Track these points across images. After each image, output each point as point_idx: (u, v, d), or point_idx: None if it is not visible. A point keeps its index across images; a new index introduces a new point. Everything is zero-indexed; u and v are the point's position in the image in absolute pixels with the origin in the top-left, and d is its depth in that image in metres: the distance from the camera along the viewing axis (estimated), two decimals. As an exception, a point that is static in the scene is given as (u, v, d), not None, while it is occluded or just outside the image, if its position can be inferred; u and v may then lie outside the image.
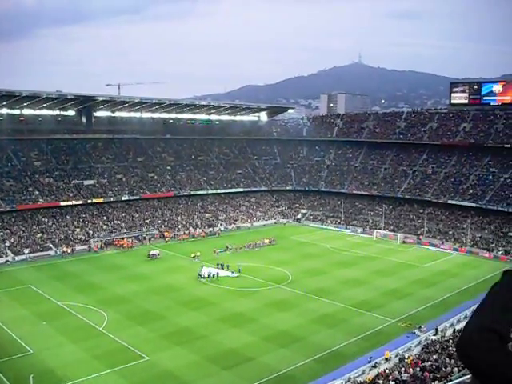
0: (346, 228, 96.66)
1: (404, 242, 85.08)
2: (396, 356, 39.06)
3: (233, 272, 64.94)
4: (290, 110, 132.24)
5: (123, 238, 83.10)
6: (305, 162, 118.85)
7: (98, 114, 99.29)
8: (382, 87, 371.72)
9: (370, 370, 37.21)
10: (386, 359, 38.66)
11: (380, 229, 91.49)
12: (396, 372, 34.22)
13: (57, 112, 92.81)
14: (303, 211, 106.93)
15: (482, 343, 2.01)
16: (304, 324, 48.43)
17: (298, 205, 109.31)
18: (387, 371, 35.53)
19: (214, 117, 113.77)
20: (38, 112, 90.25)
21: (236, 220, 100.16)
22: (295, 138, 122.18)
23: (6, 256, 72.99)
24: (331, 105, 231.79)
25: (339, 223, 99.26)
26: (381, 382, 33.45)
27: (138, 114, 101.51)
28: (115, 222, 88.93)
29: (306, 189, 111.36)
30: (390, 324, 48.47)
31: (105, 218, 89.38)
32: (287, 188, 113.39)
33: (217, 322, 48.94)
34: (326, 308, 53.00)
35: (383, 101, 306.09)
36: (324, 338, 45.02)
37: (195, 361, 40.38)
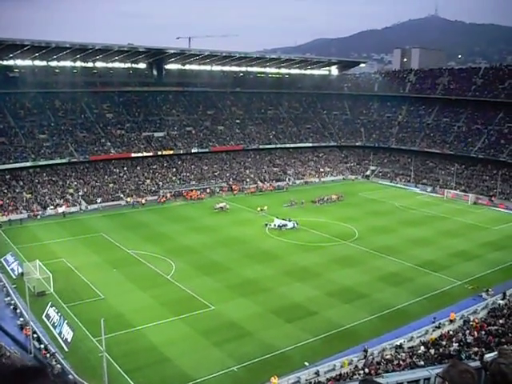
0: (416, 186, 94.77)
1: (475, 203, 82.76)
2: (461, 318, 38.42)
3: (294, 224, 65.59)
4: (362, 65, 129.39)
5: (192, 190, 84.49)
6: (375, 117, 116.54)
7: (168, 66, 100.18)
8: (459, 42, 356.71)
9: (434, 330, 36.85)
10: (451, 321, 38.13)
11: (451, 188, 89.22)
12: (460, 334, 33.77)
13: (128, 65, 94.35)
14: (372, 168, 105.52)
15: None
16: (368, 281, 48.25)
17: (367, 161, 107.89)
18: (451, 333, 35.13)
19: (283, 70, 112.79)
20: (110, 65, 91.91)
21: (304, 175, 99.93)
22: (366, 93, 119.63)
23: (80, 205, 75.63)
24: (405, 59, 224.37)
25: (409, 181, 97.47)
26: (444, 342, 33.15)
27: (208, 67, 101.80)
28: (184, 173, 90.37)
29: (376, 145, 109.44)
30: (457, 286, 47.61)
31: (174, 169, 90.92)
32: (357, 144, 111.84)
33: (282, 275, 49.43)
34: (391, 266, 52.56)
35: (460, 56, 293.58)
36: (388, 296, 44.77)
37: (259, 312, 41.08)
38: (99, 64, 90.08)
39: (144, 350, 34.74)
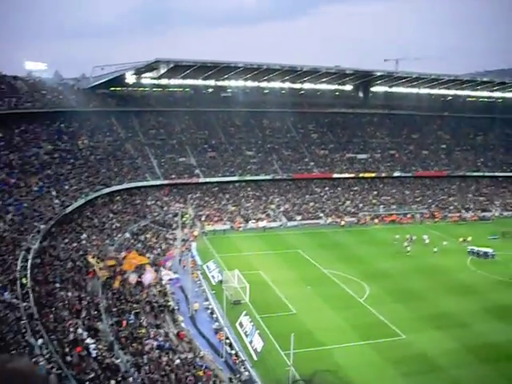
0: None
1: None
2: None
3: (492, 253, 62.39)
4: None
5: (392, 214, 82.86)
6: None
7: (374, 89, 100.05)
8: None
9: None
10: None
11: None
12: None
13: (335, 86, 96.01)
14: None
15: None
16: None
17: None
18: None
19: (496, 94, 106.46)
20: (317, 86, 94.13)
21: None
22: None
23: (280, 220, 77.86)
24: None
25: None
26: None
27: (415, 90, 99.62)
28: (385, 197, 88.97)
29: None
30: None
31: (375, 192, 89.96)
32: None
33: (481, 311, 46.09)
34: None
35: None
36: None
37: (452, 348, 38.56)
38: (307, 85, 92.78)
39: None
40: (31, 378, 1.36)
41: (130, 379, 29.53)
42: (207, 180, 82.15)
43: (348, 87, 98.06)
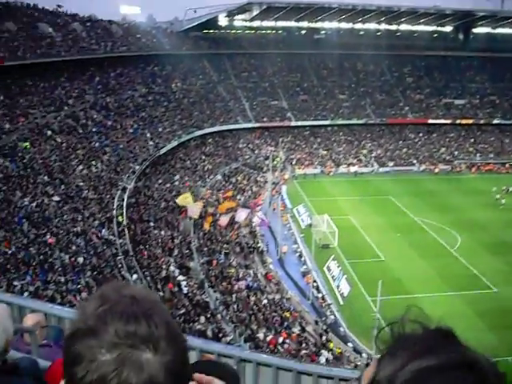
0: None
1: None
2: None
3: None
4: None
5: (489, 163, 79.56)
6: None
7: (476, 30, 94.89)
8: None
9: None
10: None
11: None
12: None
13: (433, 28, 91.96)
14: None
15: None
16: None
17: None
18: None
19: None
20: (414, 28, 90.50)
21: None
22: None
23: (372, 166, 76.67)
24: None
25: None
26: None
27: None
28: (482, 145, 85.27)
29: None
30: None
31: (472, 140, 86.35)
32: None
33: None
34: None
35: None
36: None
37: (550, 305, 37.10)
38: (403, 27, 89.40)
39: (417, 319, 34.07)
40: (151, 301, 1.38)
41: (219, 316, 30.56)
42: (299, 124, 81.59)
43: (447, 28, 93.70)
